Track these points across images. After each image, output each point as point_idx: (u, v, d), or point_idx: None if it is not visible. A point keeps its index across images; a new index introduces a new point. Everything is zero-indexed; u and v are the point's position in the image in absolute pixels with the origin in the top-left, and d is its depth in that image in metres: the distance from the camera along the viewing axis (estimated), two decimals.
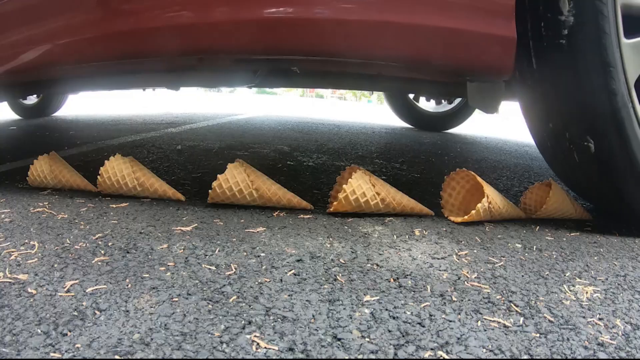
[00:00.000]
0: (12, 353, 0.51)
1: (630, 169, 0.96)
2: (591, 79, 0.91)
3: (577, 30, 0.91)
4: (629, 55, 0.92)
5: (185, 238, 0.88)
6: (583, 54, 0.91)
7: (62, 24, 1.00)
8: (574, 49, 0.92)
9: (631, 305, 0.71)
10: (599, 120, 0.93)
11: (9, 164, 1.57)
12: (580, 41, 0.91)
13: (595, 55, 0.90)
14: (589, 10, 0.89)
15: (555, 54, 0.94)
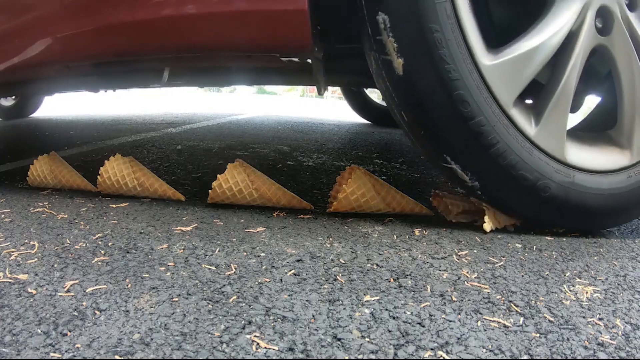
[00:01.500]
0: (12, 353, 0.51)
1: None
2: None
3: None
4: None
5: (185, 238, 0.88)
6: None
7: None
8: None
9: (631, 305, 0.71)
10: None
11: (9, 164, 1.57)
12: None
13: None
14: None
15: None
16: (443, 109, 0.91)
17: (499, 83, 0.91)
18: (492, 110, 0.91)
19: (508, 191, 0.97)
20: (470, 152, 0.93)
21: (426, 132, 0.94)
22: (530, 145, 0.94)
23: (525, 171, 0.94)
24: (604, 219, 1.03)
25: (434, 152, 0.97)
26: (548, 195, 0.96)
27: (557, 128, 0.96)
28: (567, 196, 0.97)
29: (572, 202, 0.97)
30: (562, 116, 0.96)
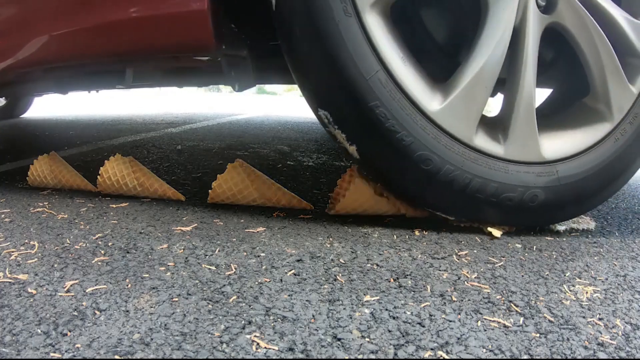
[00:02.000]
0: (12, 353, 0.51)
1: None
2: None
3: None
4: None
5: (185, 238, 0.88)
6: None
7: None
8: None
9: (631, 305, 0.71)
10: None
11: (9, 164, 1.57)
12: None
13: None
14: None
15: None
16: (410, 173, 0.92)
17: (454, 122, 0.91)
18: (457, 151, 0.91)
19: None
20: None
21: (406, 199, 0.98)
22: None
23: None
24: (588, 201, 1.02)
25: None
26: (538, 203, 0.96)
27: (527, 132, 0.95)
28: (560, 195, 0.97)
29: (558, 198, 0.98)
30: (531, 119, 0.95)
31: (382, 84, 0.87)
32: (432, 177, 0.91)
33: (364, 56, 0.86)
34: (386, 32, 0.89)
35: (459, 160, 0.91)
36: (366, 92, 0.86)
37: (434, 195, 0.95)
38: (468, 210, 0.97)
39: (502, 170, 0.93)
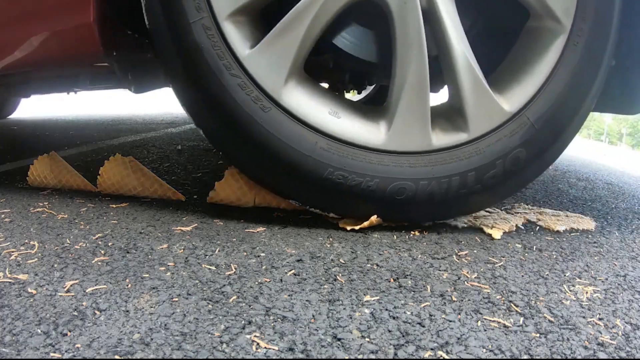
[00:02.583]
0: (12, 353, 0.51)
1: None
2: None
3: None
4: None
5: (185, 238, 0.88)
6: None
7: None
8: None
9: (631, 305, 0.71)
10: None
11: (9, 164, 1.57)
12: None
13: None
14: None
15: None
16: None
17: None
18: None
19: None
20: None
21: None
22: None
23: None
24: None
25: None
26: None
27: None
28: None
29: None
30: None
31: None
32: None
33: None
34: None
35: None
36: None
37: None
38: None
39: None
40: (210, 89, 0.91)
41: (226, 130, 0.94)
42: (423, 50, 0.89)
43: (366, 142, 0.93)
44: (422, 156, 0.93)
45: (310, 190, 0.95)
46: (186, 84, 0.94)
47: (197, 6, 0.89)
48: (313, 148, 0.91)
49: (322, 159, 0.91)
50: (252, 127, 0.90)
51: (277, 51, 0.90)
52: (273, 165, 0.93)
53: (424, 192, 0.93)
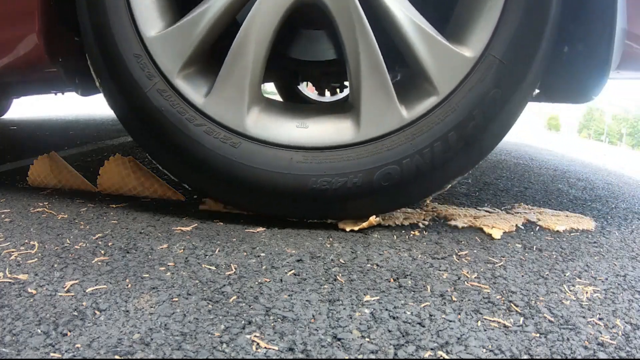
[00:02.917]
0: (12, 353, 0.51)
1: None
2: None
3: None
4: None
5: (185, 238, 0.88)
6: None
7: None
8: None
9: (631, 305, 0.71)
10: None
11: (9, 164, 1.57)
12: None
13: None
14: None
15: None
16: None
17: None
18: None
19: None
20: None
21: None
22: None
23: None
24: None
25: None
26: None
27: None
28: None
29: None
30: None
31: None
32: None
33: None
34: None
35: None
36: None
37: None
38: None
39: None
40: (181, 144, 0.94)
41: (208, 179, 0.96)
42: (366, 30, 0.88)
43: (340, 141, 0.92)
44: (398, 135, 0.91)
45: (302, 204, 0.96)
46: (158, 145, 0.98)
47: (148, 74, 0.93)
48: (290, 165, 0.92)
49: (301, 171, 0.92)
50: (230, 166, 0.93)
51: (231, 88, 0.92)
52: (259, 193, 0.95)
53: (410, 170, 0.91)
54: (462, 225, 1.04)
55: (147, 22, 0.93)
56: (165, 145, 0.96)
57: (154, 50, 0.93)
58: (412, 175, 0.92)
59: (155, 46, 0.93)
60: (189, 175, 0.98)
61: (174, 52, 0.93)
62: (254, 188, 0.94)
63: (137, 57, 0.93)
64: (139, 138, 1.01)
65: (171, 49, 0.93)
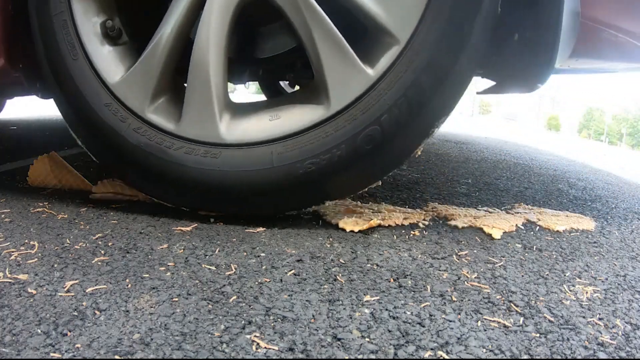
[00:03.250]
0: (12, 353, 0.51)
1: None
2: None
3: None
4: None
5: (185, 238, 0.88)
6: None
7: None
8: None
9: (631, 305, 0.71)
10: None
11: (9, 164, 1.57)
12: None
13: None
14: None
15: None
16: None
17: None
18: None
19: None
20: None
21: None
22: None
23: None
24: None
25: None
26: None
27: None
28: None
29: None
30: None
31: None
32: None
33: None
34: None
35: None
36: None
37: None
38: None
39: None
40: (166, 171, 0.96)
41: (201, 195, 0.98)
42: (309, 3, 0.88)
43: (315, 120, 0.92)
44: (369, 94, 0.90)
45: (296, 193, 0.96)
46: (144, 178, 1.01)
47: (121, 118, 0.96)
48: (272, 159, 0.92)
49: (285, 161, 0.92)
50: (221, 177, 0.94)
51: (199, 105, 0.94)
52: (251, 194, 0.95)
53: (391, 125, 0.90)
54: (462, 225, 1.04)
55: (109, 71, 0.98)
56: (152, 176, 0.98)
57: (122, 94, 0.96)
58: (394, 130, 0.90)
59: (121, 90, 0.96)
60: (182, 198, 1.00)
61: (140, 90, 0.96)
62: (244, 190, 0.94)
63: (107, 105, 0.97)
64: (124, 177, 1.05)
65: (137, 88, 0.96)
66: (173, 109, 0.98)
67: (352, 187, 0.98)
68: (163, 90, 0.98)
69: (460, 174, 1.81)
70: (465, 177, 1.75)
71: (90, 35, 0.98)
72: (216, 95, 0.93)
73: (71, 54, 0.97)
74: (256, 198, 0.96)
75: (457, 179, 1.68)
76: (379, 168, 0.97)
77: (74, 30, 0.97)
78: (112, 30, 1.00)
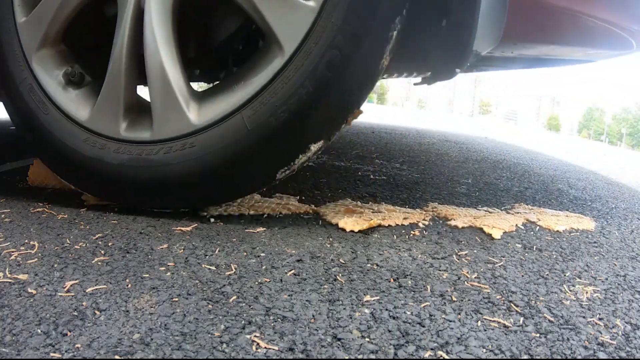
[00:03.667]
0: (12, 353, 0.51)
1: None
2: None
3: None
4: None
5: (185, 238, 0.88)
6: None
7: None
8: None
9: (631, 305, 0.71)
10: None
11: (9, 164, 1.57)
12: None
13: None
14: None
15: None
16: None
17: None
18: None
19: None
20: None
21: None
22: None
23: None
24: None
25: None
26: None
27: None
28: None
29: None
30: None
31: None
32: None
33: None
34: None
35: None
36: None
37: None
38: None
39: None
40: (155, 178, 0.98)
41: (192, 190, 0.99)
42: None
43: (275, 71, 0.92)
44: (318, 24, 0.89)
45: (283, 144, 0.94)
46: (143, 193, 1.02)
47: (100, 146, 1.00)
48: (244, 123, 0.92)
49: (258, 120, 0.91)
50: (204, 162, 0.95)
51: (166, 107, 0.97)
52: (243, 162, 0.95)
53: (346, 48, 0.88)
54: (462, 225, 1.04)
55: (79, 110, 1.02)
56: (145, 187, 1.01)
57: (95, 126, 1.01)
58: (351, 47, 0.88)
59: (94, 123, 1.01)
60: (180, 200, 1.01)
61: (110, 116, 1.00)
62: (230, 165, 0.95)
63: (85, 140, 1.01)
64: (121, 198, 1.06)
65: (107, 115, 1.01)
66: (145, 119, 1.00)
67: (335, 121, 0.95)
68: (132, 107, 1.01)
69: (460, 174, 1.81)
70: (465, 177, 1.75)
71: (55, 87, 1.03)
72: (178, 89, 0.95)
73: (42, 110, 1.03)
74: (246, 167, 0.95)
75: (457, 179, 1.68)
76: (352, 93, 0.94)
77: (39, 89, 1.03)
78: (73, 76, 1.05)
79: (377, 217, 1.03)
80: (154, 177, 0.97)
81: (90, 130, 1.01)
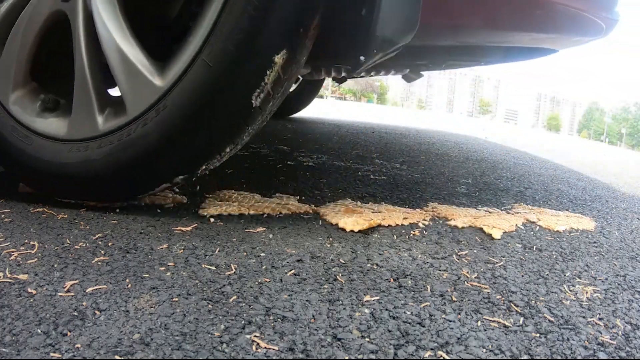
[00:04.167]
0: (12, 353, 0.51)
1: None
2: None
3: None
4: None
5: (185, 238, 0.88)
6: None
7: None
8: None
9: (631, 305, 0.71)
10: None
11: None
12: None
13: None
14: None
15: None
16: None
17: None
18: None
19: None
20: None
21: None
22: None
23: None
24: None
25: None
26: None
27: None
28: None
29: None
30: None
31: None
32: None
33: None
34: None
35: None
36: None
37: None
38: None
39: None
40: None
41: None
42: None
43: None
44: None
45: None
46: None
47: (84, 148, 1.03)
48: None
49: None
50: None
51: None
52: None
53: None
54: (462, 225, 1.04)
55: (59, 130, 1.05)
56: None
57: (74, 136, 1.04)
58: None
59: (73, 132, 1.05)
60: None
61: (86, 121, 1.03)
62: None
63: (69, 151, 1.03)
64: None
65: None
66: (119, 109, 1.03)
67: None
68: (104, 104, 1.03)
69: (460, 174, 1.81)
70: (465, 177, 1.75)
71: (34, 118, 1.06)
72: (140, 63, 0.97)
73: (27, 143, 1.06)
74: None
75: (457, 179, 1.68)
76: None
77: (21, 127, 1.06)
78: (48, 103, 1.09)
79: (377, 217, 1.03)
80: (137, 153, 0.98)
81: (72, 140, 1.03)
